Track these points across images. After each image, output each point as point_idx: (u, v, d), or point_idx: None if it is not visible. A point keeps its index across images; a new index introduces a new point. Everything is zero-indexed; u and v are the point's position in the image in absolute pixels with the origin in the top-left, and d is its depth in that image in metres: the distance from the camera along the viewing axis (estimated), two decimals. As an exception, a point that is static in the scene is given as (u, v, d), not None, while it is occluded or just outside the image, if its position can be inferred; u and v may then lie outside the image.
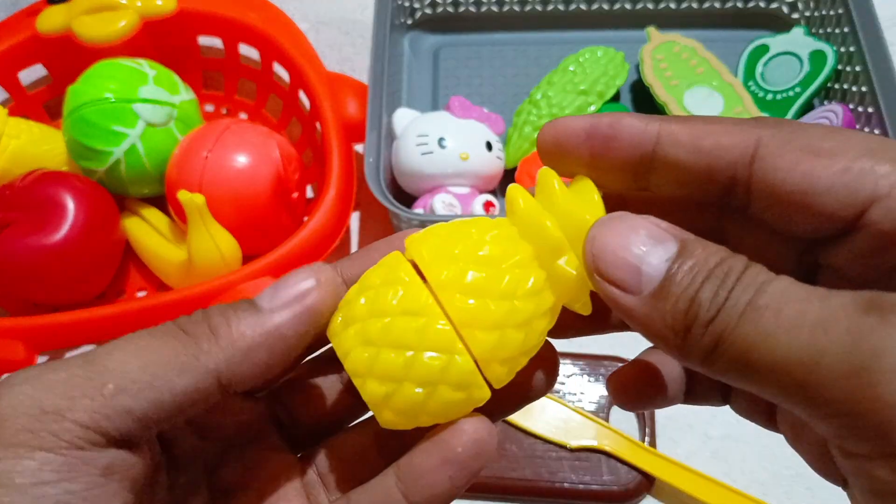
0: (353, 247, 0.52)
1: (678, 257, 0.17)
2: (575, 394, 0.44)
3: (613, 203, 0.20)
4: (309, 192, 0.53)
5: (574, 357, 0.45)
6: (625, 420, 0.44)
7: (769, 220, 0.18)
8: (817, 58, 0.53)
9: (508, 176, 0.51)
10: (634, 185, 0.20)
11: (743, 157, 0.18)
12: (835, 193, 0.17)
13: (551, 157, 0.20)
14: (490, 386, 0.19)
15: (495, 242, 0.19)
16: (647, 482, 0.42)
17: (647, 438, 0.43)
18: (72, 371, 0.18)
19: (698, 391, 0.24)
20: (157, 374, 0.18)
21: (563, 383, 0.45)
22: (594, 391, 0.44)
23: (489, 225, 0.20)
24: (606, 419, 0.43)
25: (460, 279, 0.18)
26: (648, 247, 0.17)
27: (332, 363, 0.23)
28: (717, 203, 0.19)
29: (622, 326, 0.20)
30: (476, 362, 0.19)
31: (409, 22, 0.60)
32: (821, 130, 0.17)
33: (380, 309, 0.19)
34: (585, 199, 0.19)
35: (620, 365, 0.44)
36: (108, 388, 0.18)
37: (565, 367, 0.45)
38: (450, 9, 0.60)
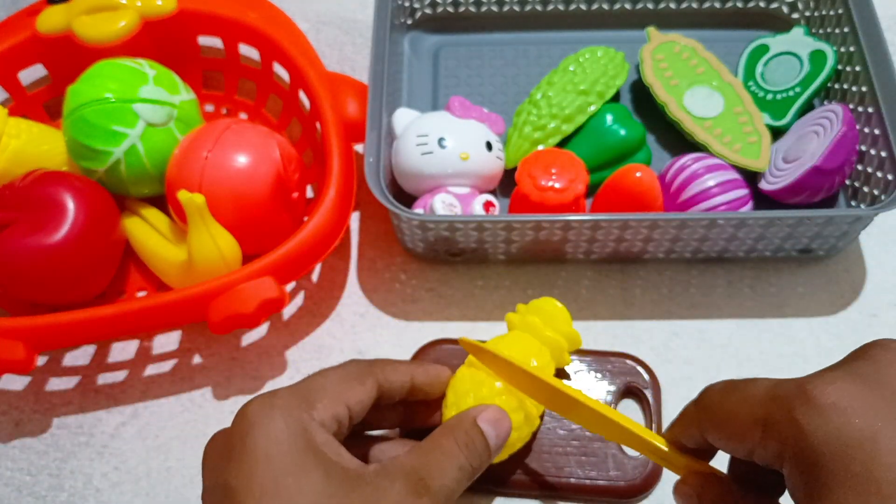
0: (353, 247, 0.52)
1: None
2: (581, 390, 0.44)
3: None
4: (309, 192, 0.53)
5: (580, 353, 0.45)
6: (632, 417, 0.44)
7: None
8: (817, 58, 0.53)
9: (508, 176, 0.51)
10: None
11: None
12: None
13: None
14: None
15: (520, 346, 0.40)
16: (654, 477, 0.42)
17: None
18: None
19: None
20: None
21: (569, 379, 0.44)
22: (600, 387, 0.44)
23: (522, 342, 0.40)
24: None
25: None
26: None
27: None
28: None
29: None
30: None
31: (409, 22, 0.60)
32: None
33: (482, 397, 0.37)
34: (555, 317, 0.41)
35: (626, 361, 0.44)
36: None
37: (572, 364, 0.45)
38: (450, 9, 0.61)
